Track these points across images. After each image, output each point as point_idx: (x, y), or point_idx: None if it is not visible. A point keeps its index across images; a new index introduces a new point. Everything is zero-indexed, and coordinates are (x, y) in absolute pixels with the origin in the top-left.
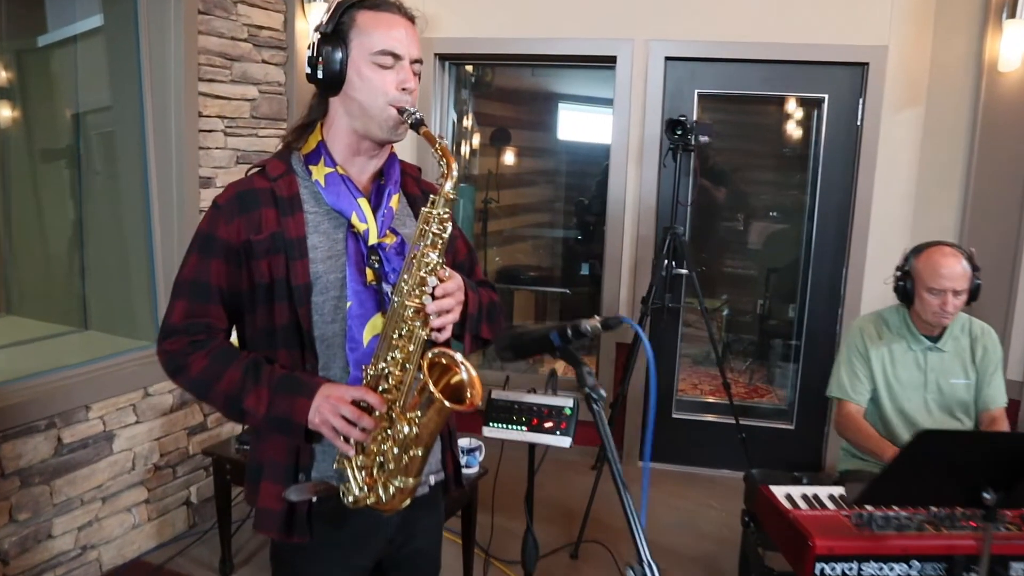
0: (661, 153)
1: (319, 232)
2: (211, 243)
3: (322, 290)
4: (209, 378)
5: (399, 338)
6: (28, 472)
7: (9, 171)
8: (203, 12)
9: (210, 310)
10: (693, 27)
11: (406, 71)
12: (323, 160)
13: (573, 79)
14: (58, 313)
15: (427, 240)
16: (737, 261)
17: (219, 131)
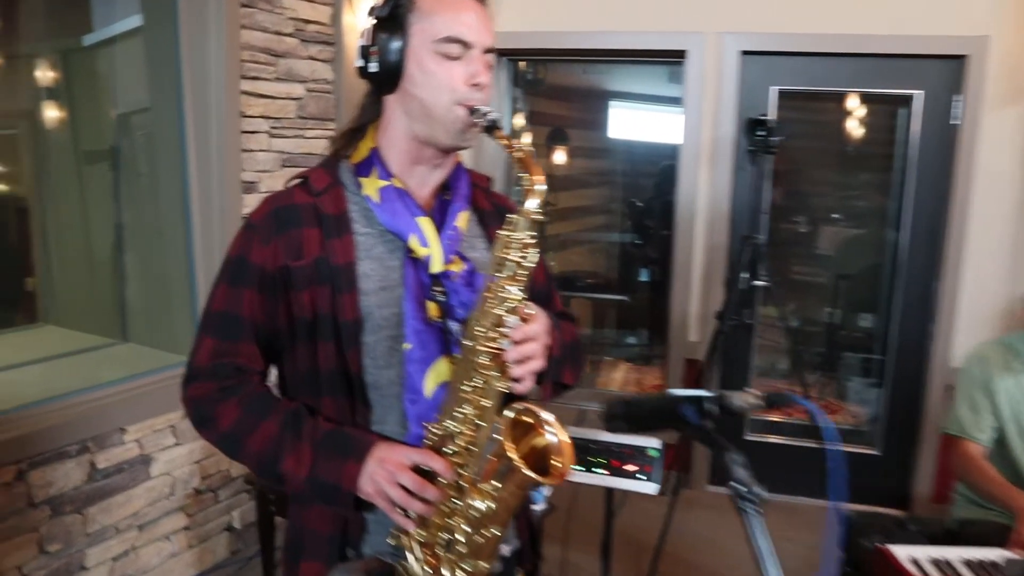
0: (736, 155)
1: (371, 258)
2: (243, 269)
3: (374, 328)
4: (241, 432)
5: (471, 390)
6: (59, 500)
7: (49, 173)
8: (246, 5)
9: (241, 348)
10: (771, 19)
11: (477, 62)
12: (376, 171)
13: (624, 76)
14: (96, 323)
15: (506, 270)
16: (804, 267)
17: (263, 132)
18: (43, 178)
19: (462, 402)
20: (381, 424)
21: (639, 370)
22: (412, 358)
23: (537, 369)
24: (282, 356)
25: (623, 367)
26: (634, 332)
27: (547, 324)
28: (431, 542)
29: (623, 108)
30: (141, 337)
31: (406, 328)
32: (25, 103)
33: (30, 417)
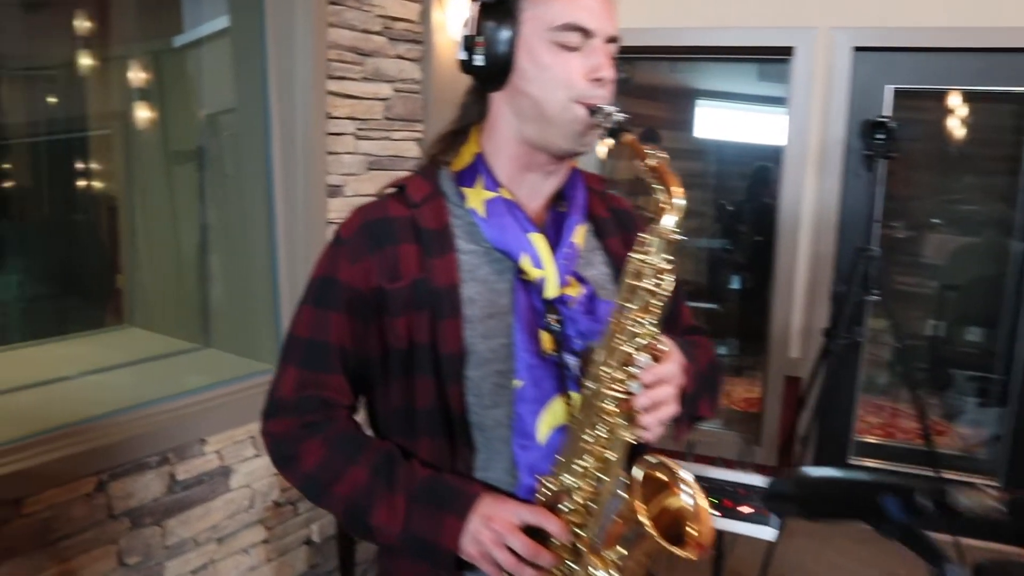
0: (846, 159)
1: (476, 280)
2: (331, 290)
3: (480, 362)
4: (326, 477)
5: (592, 440)
6: (139, 512)
7: (138, 173)
8: (334, 2)
9: (328, 380)
10: (887, 12)
11: (599, 53)
12: (482, 180)
13: (712, 74)
14: (179, 327)
15: (636, 300)
16: (907, 277)
17: (349, 134)
18: (133, 178)
19: (582, 453)
20: (485, 471)
21: (729, 381)
22: (523, 397)
23: (670, 417)
24: (373, 388)
25: None
26: (724, 342)
27: (682, 361)
28: None
29: (711, 107)
30: (223, 343)
31: (517, 362)
32: (119, 104)
33: (112, 426)
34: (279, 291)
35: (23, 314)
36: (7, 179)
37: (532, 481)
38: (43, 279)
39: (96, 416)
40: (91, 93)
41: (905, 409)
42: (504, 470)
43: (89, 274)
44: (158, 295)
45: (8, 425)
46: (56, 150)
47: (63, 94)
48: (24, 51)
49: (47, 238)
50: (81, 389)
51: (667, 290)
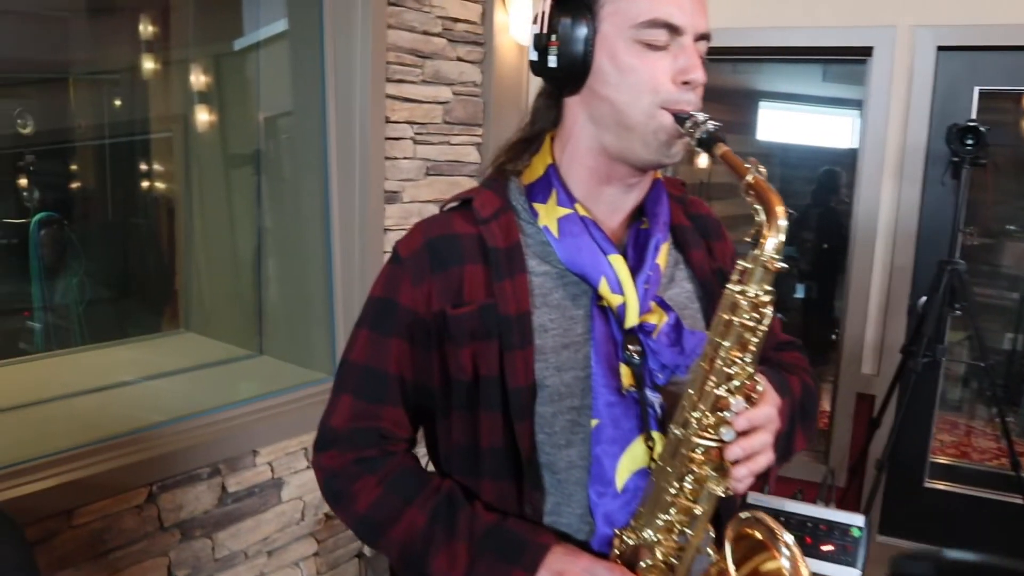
0: (927, 166)
1: (549, 306)
2: (389, 313)
3: (553, 397)
4: (381, 518)
5: (677, 491)
6: (189, 524)
7: (197, 176)
8: (393, 3)
9: (386, 413)
10: (974, 9)
11: (689, 53)
12: (555, 194)
13: (775, 75)
14: (234, 333)
15: (732, 337)
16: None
17: (407, 139)
18: (191, 181)
19: (666, 505)
20: (556, 516)
21: None
22: (601, 438)
23: (764, 468)
24: (434, 420)
25: None
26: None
27: (778, 403)
28: None
29: (775, 109)
30: (276, 350)
31: (595, 400)
32: (179, 107)
33: (164, 437)
34: (334, 299)
35: (83, 318)
36: (70, 181)
37: (609, 531)
38: (103, 282)
39: (148, 426)
40: (153, 96)
41: (980, 427)
42: (578, 516)
43: (148, 277)
44: (214, 300)
45: (62, 434)
46: (117, 153)
47: (126, 97)
48: (89, 55)
49: (107, 241)
50: (136, 396)
51: (766, 325)
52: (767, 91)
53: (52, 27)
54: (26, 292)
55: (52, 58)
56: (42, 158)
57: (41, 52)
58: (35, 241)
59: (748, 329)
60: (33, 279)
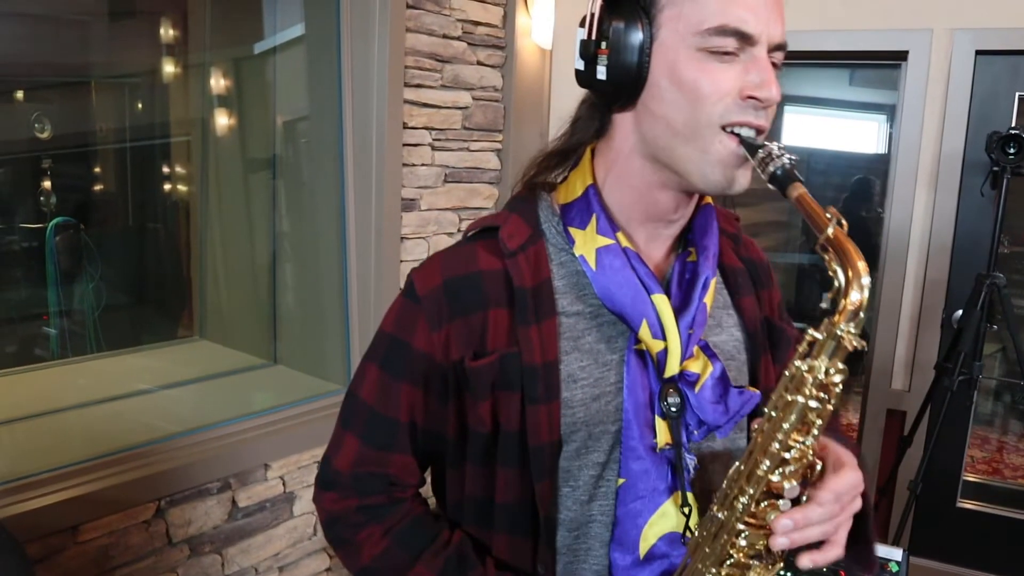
0: (963, 176)
1: (580, 350)
2: (403, 356)
3: (579, 451)
4: (385, 572)
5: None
6: (198, 540)
7: (213, 180)
8: (412, 6)
9: (393, 460)
10: (1016, 11)
11: (762, 66)
12: (596, 220)
13: (801, 78)
14: (249, 342)
15: (792, 415)
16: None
17: (426, 145)
18: (207, 186)
19: None
20: (571, 575)
21: None
22: (627, 498)
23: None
24: (445, 468)
25: None
26: None
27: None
28: None
29: (800, 114)
30: (290, 359)
31: (624, 455)
32: (197, 112)
33: (173, 450)
34: (349, 310)
35: (98, 324)
36: (87, 186)
37: None
38: (119, 288)
39: (158, 439)
40: (170, 101)
41: (1012, 443)
42: (594, 573)
43: (163, 284)
44: (229, 307)
45: (69, 447)
46: (133, 158)
47: (142, 102)
48: (110, 59)
49: (123, 246)
50: (148, 406)
51: (832, 407)
52: (793, 95)
53: (72, 31)
54: (42, 297)
55: (71, 62)
56: (59, 162)
57: (60, 56)
58: (51, 246)
59: (812, 410)
60: (49, 284)
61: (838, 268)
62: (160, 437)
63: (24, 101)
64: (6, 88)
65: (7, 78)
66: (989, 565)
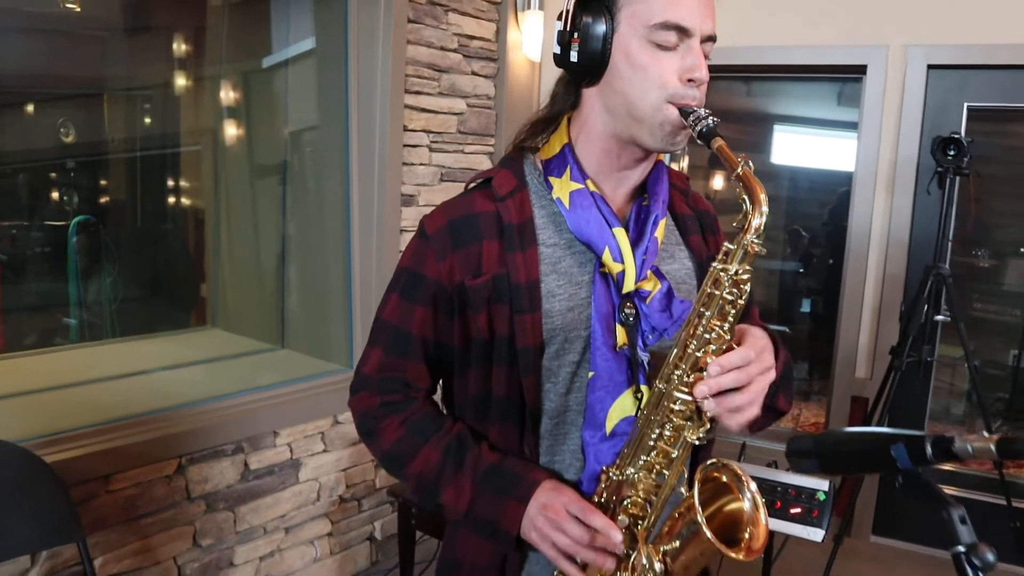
0: (918, 178)
1: (558, 272)
2: (417, 284)
3: (557, 352)
4: (402, 454)
5: (657, 436)
6: (214, 497)
7: (224, 187)
8: (413, 21)
9: (408, 367)
10: (964, 28)
11: (695, 54)
12: (570, 170)
13: (791, 98)
14: (259, 329)
15: (713, 307)
16: (988, 305)
17: (424, 146)
18: (219, 191)
19: (648, 449)
20: (551, 455)
21: (797, 405)
22: (595, 387)
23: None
24: (452, 374)
25: None
26: (794, 365)
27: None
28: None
29: (789, 132)
30: (298, 344)
31: (593, 355)
32: (209, 121)
33: (192, 415)
34: (352, 296)
35: (116, 315)
36: (107, 189)
37: (597, 468)
38: (136, 282)
39: (179, 404)
40: (185, 111)
41: None
42: (570, 454)
43: (177, 280)
44: (239, 300)
45: (100, 410)
46: (150, 165)
47: (159, 111)
48: (126, 72)
49: (140, 246)
50: (165, 382)
51: (743, 300)
52: (782, 114)
53: (92, 46)
54: (63, 290)
55: (91, 75)
56: (81, 167)
57: (82, 69)
58: (73, 243)
59: (728, 302)
60: (70, 278)
61: (746, 197)
62: (180, 403)
63: (51, 109)
64: (36, 98)
65: (36, 89)
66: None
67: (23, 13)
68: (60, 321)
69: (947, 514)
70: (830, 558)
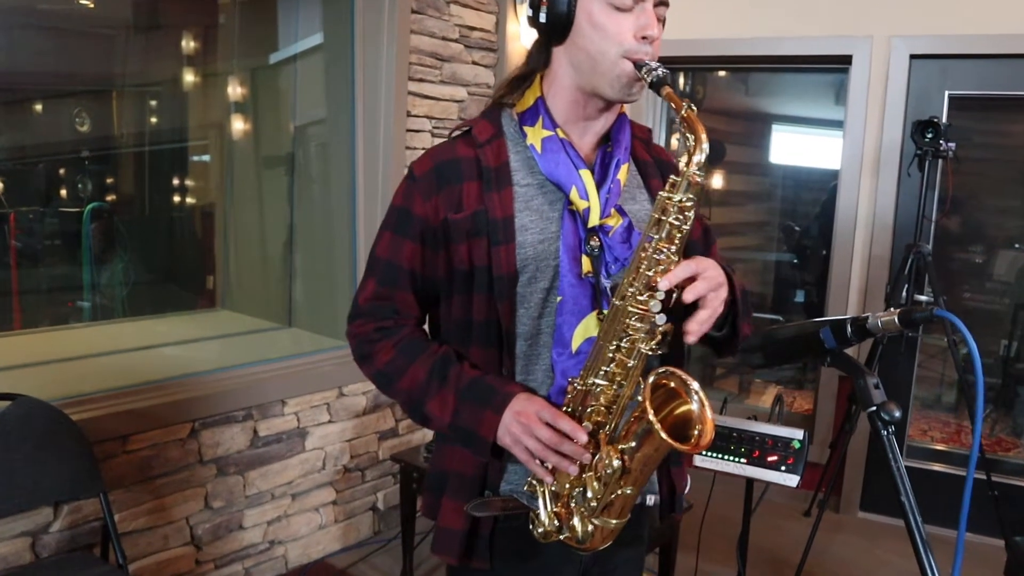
0: (902, 163)
1: (530, 209)
2: (406, 220)
3: (530, 280)
4: (393, 373)
5: (615, 348)
6: (225, 461)
7: (233, 180)
8: (416, 11)
9: (399, 295)
10: (945, 19)
11: (648, 15)
12: (541, 119)
13: (789, 97)
14: (267, 310)
15: (662, 232)
16: (976, 294)
17: (426, 131)
18: (228, 183)
19: (608, 361)
20: (526, 374)
21: (790, 394)
22: (563, 310)
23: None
24: (439, 303)
25: (773, 390)
26: None
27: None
28: (564, 494)
29: (787, 132)
30: (305, 324)
31: (561, 282)
32: (218, 116)
33: (204, 382)
34: (357, 274)
35: (127, 299)
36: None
37: (564, 382)
38: (148, 267)
39: (192, 373)
40: (195, 105)
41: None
42: (543, 372)
43: (187, 265)
44: (248, 284)
45: (118, 376)
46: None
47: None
48: (138, 68)
49: (151, 233)
50: (177, 355)
51: (688, 226)
52: (780, 114)
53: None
54: (77, 274)
55: (104, 71)
56: (95, 158)
57: (96, 66)
58: (87, 228)
59: (675, 227)
60: (84, 262)
61: (689, 135)
62: (192, 372)
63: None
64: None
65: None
66: (930, 519)
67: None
68: (75, 303)
69: (863, 381)
70: (812, 529)
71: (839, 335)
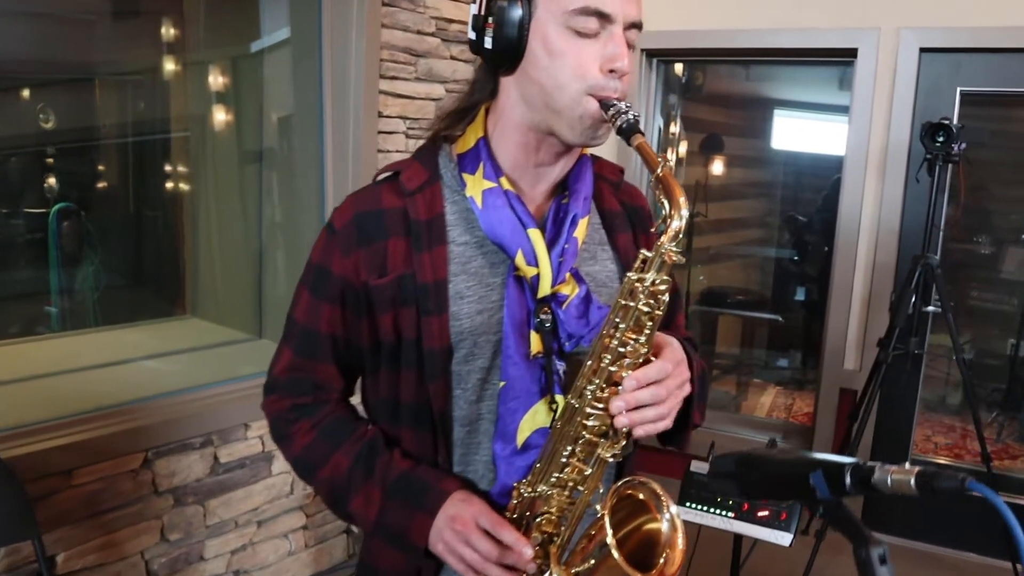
0: (909, 164)
1: (468, 273)
2: (324, 280)
3: (467, 357)
4: (312, 460)
5: (571, 454)
6: (182, 491)
7: (201, 175)
8: (387, 4)
9: (318, 368)
10: (957, 11)
11: (616, 41)
12: (483, 167)
13: (791, 83)
14: (236, 318)
15: (629, 319)
16: (985, 294)
17: (399, 133)
18: (197, 179)
19: (561, 466)
20: (464, 465)
21: (790, 395)
22: (507, 398)
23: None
24: (364, 375)
25: (772, 391)
26: (786, 354)
27: (678, 358)
28: None
29: (789, 117)
30: (274, 335)
31: (503, 362)
32: (188, 110)
33: (159, 407)
34: None
35: (97, 303)
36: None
37: (509, 482)
38: (117, 270)
39: (144, 397)
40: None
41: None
42: (483, 465)
43: (159, 268)
44: (218, 289)
45: (65, 402)
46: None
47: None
48: (105, 57)
49: (121, 232)
50: (139, 371)
51: (661, 312)
52: (782, 99)
53: (77, 30)
54: (44, 278)
55: (75, 59)
56: (63, 153)
57: (65, 54)
58: (54, 230)
59: (644, 314)
60: (51, 265)
61: (665, 200)
62: (149, 396)
63: (31, 95)
64: (14, 84)
65: (15, 74)
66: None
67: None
68: (38, 311)
69: (865, 553)
70: (812, 551)
71: (835, 484)
